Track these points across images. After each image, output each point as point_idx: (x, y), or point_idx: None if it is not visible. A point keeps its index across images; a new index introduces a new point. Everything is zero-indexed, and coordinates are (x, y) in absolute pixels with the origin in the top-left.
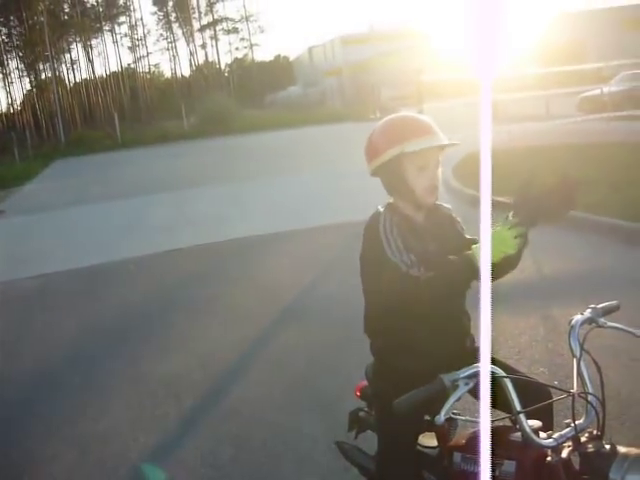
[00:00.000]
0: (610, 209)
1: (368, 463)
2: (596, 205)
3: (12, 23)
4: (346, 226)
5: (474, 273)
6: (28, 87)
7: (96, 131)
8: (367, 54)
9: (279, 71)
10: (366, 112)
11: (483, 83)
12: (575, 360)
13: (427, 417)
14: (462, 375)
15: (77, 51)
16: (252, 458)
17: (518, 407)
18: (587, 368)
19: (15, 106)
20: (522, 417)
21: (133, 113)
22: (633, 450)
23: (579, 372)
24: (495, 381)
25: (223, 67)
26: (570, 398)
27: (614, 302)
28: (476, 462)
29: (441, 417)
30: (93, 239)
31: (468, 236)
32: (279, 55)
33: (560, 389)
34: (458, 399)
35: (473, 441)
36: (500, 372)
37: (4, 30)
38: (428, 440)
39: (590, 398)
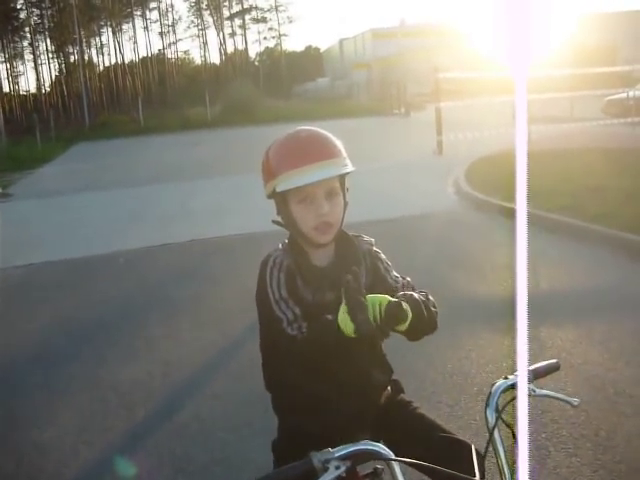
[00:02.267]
0: (620, 220)
1: None
2: (605, 215)
3: (44, 4)
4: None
5: (341, 338)
6: (57, 69)
7: (120, 115)
8: (397, 49)
9: (309, 62)
10: (391, 107)
11: (517, 82)
12: (489, 434)
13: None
14: (336, 455)
15: (107, 35)
16: None
17: None
18: (503, 443)
19: (44, 88)
20: None
21: (160, 99)
22: None
23: (494, 447)
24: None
25: (253, 56)
26: None
27: (552, 361)
28: None
29: None
30: (91, 229)
31: (394, 275)
32: (310, 46)
33: (460, 476)
34: None
35: None
36: (388, 453)
37: (36, 11)
38: None
39: None
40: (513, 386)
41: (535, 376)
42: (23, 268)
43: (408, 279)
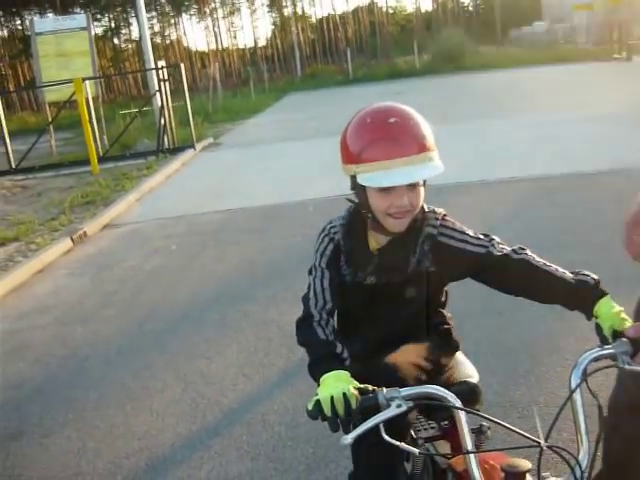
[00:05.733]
0: None
1: None
2: None
3: None
4: (530, 181)
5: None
6: (272, 23)
7: (331, 66)
8: None
9: (526, 5)
10: (612, 52)
11: None
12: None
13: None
14: (402, 394)
15: None
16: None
17: (469, 446)
18: (584, 410)
19: (259, 42)
20: (471, 458)
21: (370, 49)
22: None
23: (573, 412)
24: None
25: (467, 1)
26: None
27: None
28: None
29: (347, 438)
30: (286, 177)
31: (474, 240)
32: None
33: (527, 437)
34: (382, 421)
35: (462, 467)
36: (454, 401)
37: None
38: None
39: (567, 455)
40: (606, 357)
41: (637, 349)
42: (222, 213)
43: (494, 238)
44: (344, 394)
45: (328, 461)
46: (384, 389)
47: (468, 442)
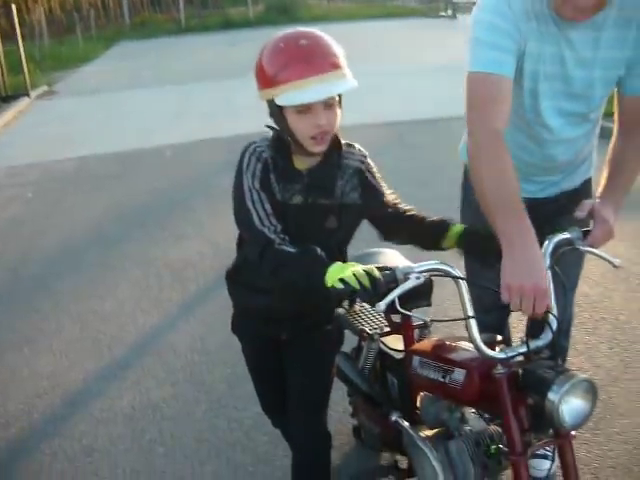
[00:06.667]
0: None
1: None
2: None
3: None
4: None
5: (316, 281)
6: None
7: (161, 14)
8: None
9: None
10: (438, 9)
11: None
12: None
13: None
14: (416, 269)
15: None
16: (238, 348)
17: (470, 312)
18: (554, 288)
19: None
20: (472, 323)
21: None
22: (579, 374)
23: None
24: None
25: None
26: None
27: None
28: (431, 367)
29: (381, 305)
30: (135, 124)
31: (388, 193)
32: None
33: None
34: (403, 292)
35: (433, 347)
36: (457, 273)
37: None
38: (395, 343)
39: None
40: (565, 241)
41: (585, 234)
42: (75, 160)
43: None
44: (365, 270)
45: (248, 379)
46: (399, 266)
47: (469, 308)
